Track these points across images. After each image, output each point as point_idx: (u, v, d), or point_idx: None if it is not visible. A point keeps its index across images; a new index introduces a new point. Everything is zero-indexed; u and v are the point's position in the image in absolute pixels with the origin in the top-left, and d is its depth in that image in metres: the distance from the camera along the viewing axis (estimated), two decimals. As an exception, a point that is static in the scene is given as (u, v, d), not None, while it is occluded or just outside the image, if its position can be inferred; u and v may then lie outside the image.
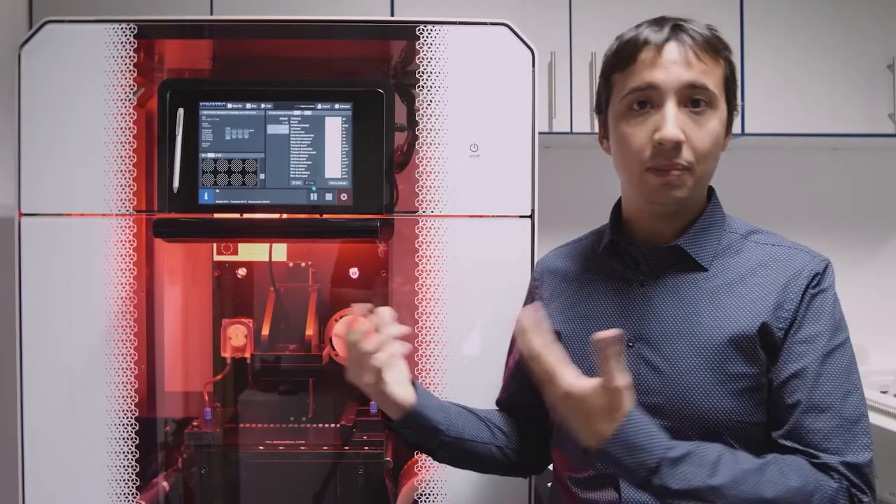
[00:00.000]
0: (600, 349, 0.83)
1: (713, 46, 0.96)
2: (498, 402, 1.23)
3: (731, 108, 1.00)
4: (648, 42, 0.95)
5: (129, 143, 1.35)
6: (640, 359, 0.98)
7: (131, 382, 1.35)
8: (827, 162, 2.33)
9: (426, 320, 1.35)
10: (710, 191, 1.05)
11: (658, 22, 0.97)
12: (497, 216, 1.38)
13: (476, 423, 1.10)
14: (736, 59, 1.00)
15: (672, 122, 0.93)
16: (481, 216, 1.37)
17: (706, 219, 1.02)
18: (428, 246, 1.36)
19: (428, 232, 1.36)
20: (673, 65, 0.94)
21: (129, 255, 1.35)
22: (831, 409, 0.91)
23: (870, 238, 2.34)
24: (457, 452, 1.07)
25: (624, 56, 0.97)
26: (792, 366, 0.93)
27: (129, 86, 1.35)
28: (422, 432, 1.02)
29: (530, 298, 1.19)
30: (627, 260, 1.04)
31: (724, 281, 0.98)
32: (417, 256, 1.36)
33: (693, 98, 0.94)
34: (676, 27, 0.96)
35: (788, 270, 0.97)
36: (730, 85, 0.99)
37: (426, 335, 1.35)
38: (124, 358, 1.35)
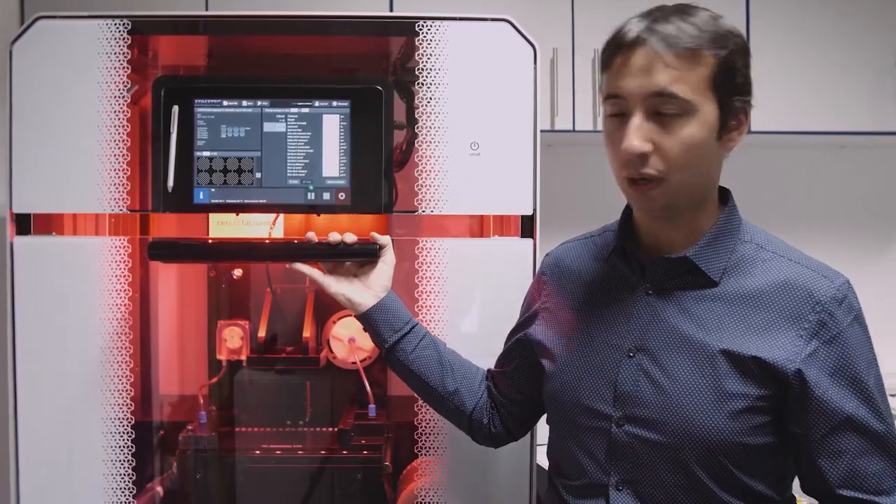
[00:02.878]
0: None
1: (691, 46, 0.88)
2: (489, 371, 1.22)
3: (727, 104, 0.91)
4: (621, 45, 0.91)
5: (123, 141, 1.33)
6: (640, 370, 0.96)
7: (126, 387, 1.33)
8: (834, 160, 2.31)
9: (426, 318, 1.33)
10: (727, 195, 1.01)
11: (643, 17, 0.91)
12: (498, 216, 1.36)
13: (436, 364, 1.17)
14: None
15: (633, 133, 0.89)
16: (482, 216, 1.35)
17: (719, 227, 0.97)
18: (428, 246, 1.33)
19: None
20: (639, 72, 0.89)
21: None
22: (881, 451, 0.91)
23: (878, 236, 2.32)
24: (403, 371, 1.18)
25: (604, 57, 0.95)
26: (833, 411, 0.90)
27: (123, 83, 1.33)
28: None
29: (535, 289, 1.16)
30: (635, 265, 1.01)
31: (733, 297, 0.94)
32: (417, 262, 1.33)
33: (662, 106, 0.89)
34: (650, 28, 0.89)
35: (805, 300, 0.92)
36: (723, 82, 0.90)
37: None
38: (119, 360, 1.33)
